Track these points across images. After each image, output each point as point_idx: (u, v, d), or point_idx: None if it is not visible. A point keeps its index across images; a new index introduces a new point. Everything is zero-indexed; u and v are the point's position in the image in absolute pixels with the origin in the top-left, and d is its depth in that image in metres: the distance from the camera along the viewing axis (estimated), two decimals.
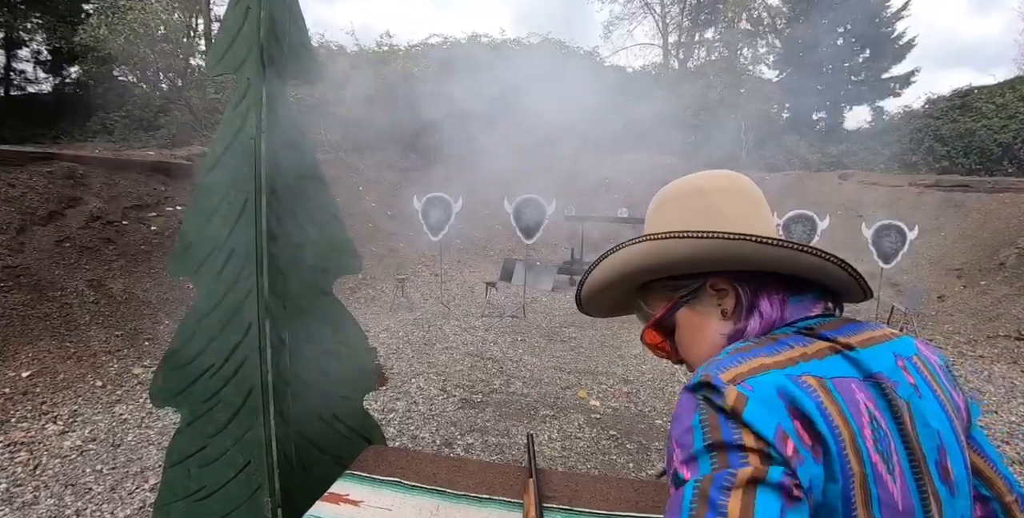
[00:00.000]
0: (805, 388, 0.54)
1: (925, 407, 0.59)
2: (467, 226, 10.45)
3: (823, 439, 0.52)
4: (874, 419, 0.55)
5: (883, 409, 0.56)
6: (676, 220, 0.73)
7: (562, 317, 6.71)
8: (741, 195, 0.74)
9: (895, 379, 0.59)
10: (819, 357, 0.59)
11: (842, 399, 0.55)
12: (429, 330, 5.81)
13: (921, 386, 0.61)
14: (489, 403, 3.91)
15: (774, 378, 0.55)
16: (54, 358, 4.06)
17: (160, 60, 10.80)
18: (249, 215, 1.62)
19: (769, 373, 0.56)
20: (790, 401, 0.53)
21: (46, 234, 5.17)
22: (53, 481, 2.77)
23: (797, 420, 0.52)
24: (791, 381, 0.55)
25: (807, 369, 0.57)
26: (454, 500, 1.25)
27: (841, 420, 0.53)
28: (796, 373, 0.56)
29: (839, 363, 0.59)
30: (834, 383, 0.56)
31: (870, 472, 0.52)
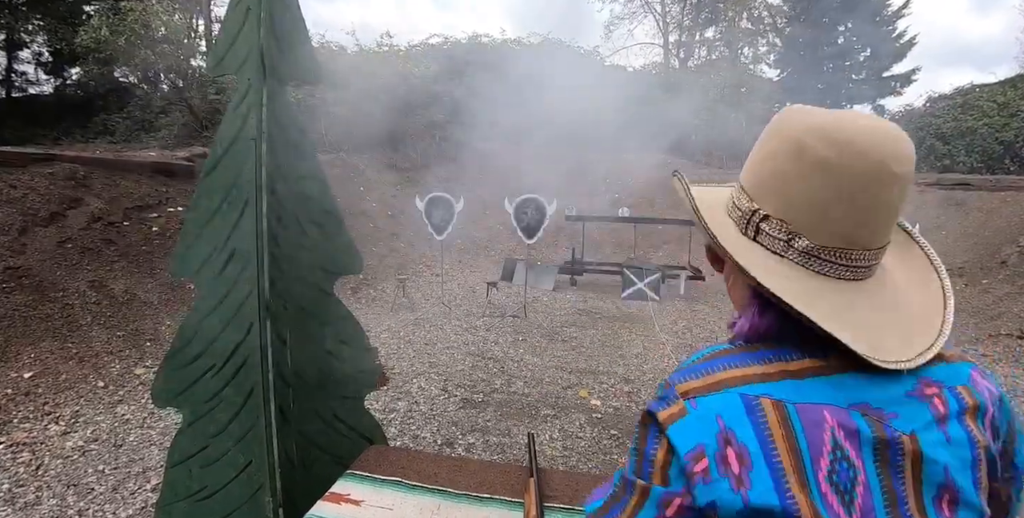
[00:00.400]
0: (754, 412, 0.53)
1: (937, 443, 0.53)
2: (468, 226, 10.45)
3: (755, 468, 0.50)
4: (838, 448, 0.51)
5: (865, 441, 0.51)
6: (757, 159, 0.62)
7: (563, 317, 6.71)
8: (843, 183, 0.54)
9: (892, 410, 0.53)
10: (798, 377, 0.55)
11: (800, 426, 0.51)
12: (430, 330, 5.81)
13: (951, 420, 0.54)
14: (490, 403, 3.91)
15: (724, 399, 0.54)
16: (56, 359, 4.07)
17: (161, 61, 10.81)
18: (250, 216, 1.62)
19: (723, 393, 0.54)
20: (727, 427, 0.52)
21: (48, 235, 5.18)
22: (55, 481, 2.78)
23: (728, 446, 0.52)
24: (743, 402, 0.53)
25: (770, 390, 0.54)
26: (455, 499, 1.25)
27: (786, 448, 0.51)
28: (755, 393, 0.53)
29: (818, 386, 0.54)
30: (798, 408, 0.52)
31: (819, 503, 0.49)
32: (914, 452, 0.52)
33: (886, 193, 0.54)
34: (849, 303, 0.56)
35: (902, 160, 0.54)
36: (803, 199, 0.56)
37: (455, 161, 11.94)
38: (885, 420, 0.53)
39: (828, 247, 0.56)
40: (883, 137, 0.54)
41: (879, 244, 0.58)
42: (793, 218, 0.57)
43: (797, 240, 0.57)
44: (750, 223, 0.61)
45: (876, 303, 0.58)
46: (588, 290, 8.39)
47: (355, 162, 10.61)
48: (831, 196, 0.54)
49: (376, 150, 11.21)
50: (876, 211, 0.55)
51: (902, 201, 0.56)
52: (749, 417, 0.52)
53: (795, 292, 0.55)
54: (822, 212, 0.55)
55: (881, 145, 0.53)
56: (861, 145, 0.53)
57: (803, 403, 0.52)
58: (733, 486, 0.50)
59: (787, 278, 0.56)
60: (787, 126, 0.59)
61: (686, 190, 0.67)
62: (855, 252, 0.57)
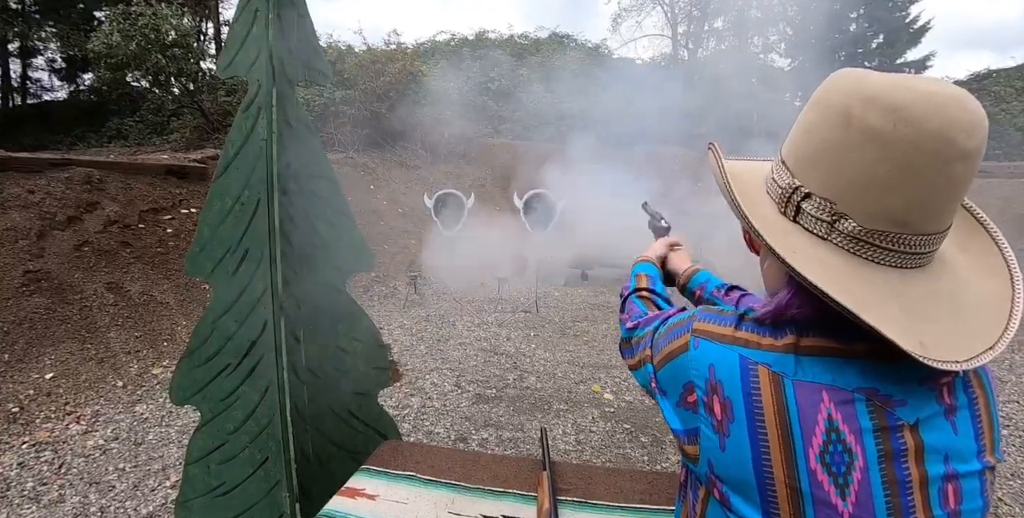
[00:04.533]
0: (747, 375, 0.53)
1: (948, 434, 0.51)
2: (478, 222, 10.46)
3: (736, 422, 0.53)
4: (834, 431, 0.49)
5: (864, 427, 0.49)
6: (800, 131, 0.56)
7: (575, 311, 6.71)
8: (897, 156, 0.47)
9: (900, 398, 0.50)
10: (803, 353, 0.52)
11: (794, 401, 0.50)
12: (442, 326, 5.84)
13: (961, 411, 0.52)
14: (503, 398, 3.93)
15: (723, 352, 0.56)
16: (76, 360, 4.14)
17: (172, 65, 10.91)
18: (262, 216, 1.64)
19: (724, 346, 0.56)
20: (715, 378, 0.56)
21: (65, 239, 5.27)
22: (77, 479, 2.83)
23: (715, 394, 0.55)
24: (740, 363, 0.54)
25: (771, 360, 0.52)
26: (469, 493, 1.26)
27: (775, 420, 0.50)
28: (755, 359, 0.53)
29: (825, 366, 0.51)
30: (795, 384, 0.51)
31: (805, 482, 0.49)
32: (915, 441, 0.50)
33: (948, 169, 0.47)
34: (896, 294, 0.50)
35: (970, 131, 0.46)
36: (851, 175, 0.49)
37: (465, 158, 11.95)
38: (891, 406, 0.50)
39: (878, 230, 0.50)
40: (946, 104, 0.46)
41: (938, 229, 0.51)
42: (839, 196, 0.51)
43: (842, 222, 0.51)
44: (790, 202, 0.55)
45: (930, 294, 0.52)
46: (599, 285, 8.37)
47: (365, 161, 10.65)
48: (883, 172, 0.47)
49: (385, 148, 11.24)
50: (935, 190, 0.48)
51: (968, 179, 0.48)
52: (741, 378, 0.53)
53: (833, 280, 0.49)
54: (872, 190, 0.49)
55: (943, 113, 0.46)
56: (920, 113, 0.46)
57: (803, 381, 0.51)
58: (715, 426, 0.55)
59: (824, 265, 0.51)
60: (835, 92, 0.52)
61: (719, 163, 0.62)
62: (909, 237, 0.50)
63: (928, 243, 0.51)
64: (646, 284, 1.01)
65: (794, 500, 0.49)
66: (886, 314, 0.48)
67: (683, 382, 0.60)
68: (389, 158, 11.21)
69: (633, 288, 1.01)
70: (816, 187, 0.52)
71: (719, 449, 0.54)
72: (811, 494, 0.49)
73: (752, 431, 0.52)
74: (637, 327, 0.80)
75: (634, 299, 0.97)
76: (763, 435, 0.51)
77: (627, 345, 0.83)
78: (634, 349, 0.78)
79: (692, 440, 0.58)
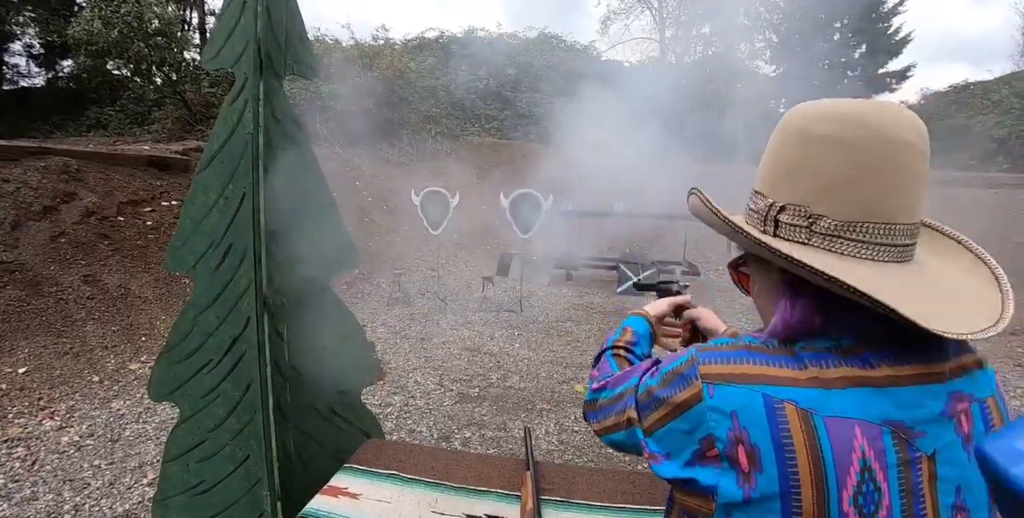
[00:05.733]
0: (775, 416, 0.50)
1: (961, 462, 0.51)
2: (463, 221, 10.44)
3: (765, 471, 0.49)
4: (868, 470, 0.48)
5: (890, 462, 0.49)
6: (766, 159, 0.61)
7: (559, 311, 6.73)
8: (850, 153, 0.52)
9: (918, 423, 0.50)
10: (829, 387, 0.50)
11: (827, 440, 0.49)
12: (426, 325, 5.82)
13: (975, 432, 0.53)
14: (486, 397, 3.93)
15: (745, 395, 0.52)
16: (51, 354, 4.05)
17: (155, 54, 10.71)
18: (247, 211, 1.62)
19: (745, 387, 0.52)
20: (741, 426, 0.51)
21: (41, 229, 5.15)
22: (51, 476, 2.78)
23: (740, 445, 0.51)
24: (765, 403, 0.50)
25: (799, 397, 0.50)
26: (452, 493, 1.26)
27: (807, 459, 0.48)
28: (780, 397, 0.50)
29: (853, 398, 0.50)
30: (827, 421, 0.49)
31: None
32: (930, 472, 0.50)
33: (899, 160, 0.51)
34: (893, 283, 0.51)
35: (911, 128, 0.52)
36: (815, 179, 0.53)
37: (451, 156, 11.91)
38: (913, 439, 0.50)
39: (852, 222, 0.52)
40: (885, 108, 0.53)
41: (907, 219, 0.53)
42: (810, 200, 0.54)
43: (819, 222, 0.53)
44: (767, 219, 0.57)
45: (921, 283, 0.53)
46: (583, 285, 8.41)
47: (350, 156, 10.56)
48: (842, 170, 0.52)
49: (371, 144, 11.16)
50: (892, 180, 0.52)
51: (921, 170, 0.52)
52: (768, 421, 0.50)
53: (833, 268, 0.50)
54: (837, 188, 0.52)
55: (885, 115, 0.52)
56: (864, 116, 0.52)
57: (834, 417, 0.49)
58: (739, 481, 0.51)
59: (815, 263, 0.51)
60: (790, 119, 0.58)
61: (704, 199, 0.65)
62: (882, 226, 0.52)
63: (902, 233, 0.54)
64: (628, 339, 0.93)
65: None
66: (895, 296, 0.47)
67: (700, 437, 0.54)
68: (375, 154, 11.14)
69: (611, 343, 0.93)
70: (788, 198, 0.56)
71: (743, 502, 0.51)
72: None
73: (783, 479, 0.49)
74: (604, 388, 0.75)
75: (608, 356, 0.90)
76: (795, 482, 0.49)
77: (591, 407, 0.78)
78: (600, 413, 0.74)
79: (704, 496, 0.54)
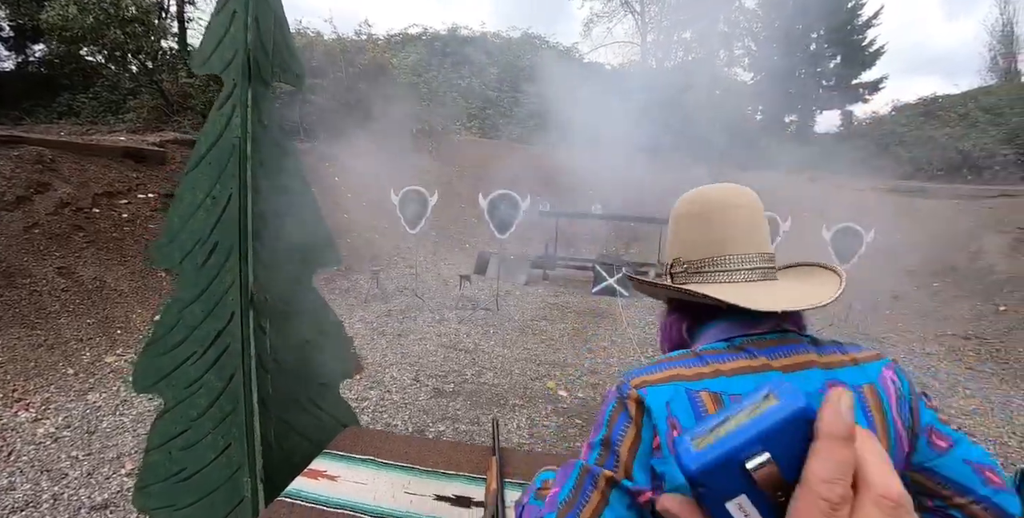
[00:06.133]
0: (695, 401, 0.66)
1: None
2: (442, 219, 10.51)
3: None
4: None
5: None
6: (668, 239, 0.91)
7: (534, 310, 6.86)
8: (697, 218, 0.83)
9: None
10: (729, 374, 0.69)
11: None
12: (403, 321, 5.90)
13: (856, 413, 0.64)
14: (460, 392, 4.04)
15: (672, 390, 0.68)
16: (24, 346, 4.04)
17: (132, 42, 10.53)
18: (233, 210, 1.70)
19: (671, 385, 0.69)
20: (672, 413, 0.66)
21: (14, 220, 5.10)
22: (28, 467, 2.80)
23: (675, 429, 0.65)
24: (687, 395, 0.67)
25: (708, 385, 0.68)
26: (424, 475, 1.37)
27: None
28: (696, 388, 0.68)
29: (745, 382, 0.68)
30: (730, 398, 0.66)
31: None
32: None
33: (733, 214, 0.81)
34: (736, 289, 0.77)
35: (738, 195, 0.83)
36: (682, 238, 0.85)
37: (431, 154, 11.96)
38: None
39: (707, 258, 0.81)
40: (724, 189, 0.84)
41: (747, 250, 0.80)
42: (682, 253, 0.85)
43: (687, 264, 0.83)
44: (667, 273, 0.87)
45: (767, 289, 0.79)
46: (559, 285, 8.56)
47: (330, 152, 10.55)
48: (695, 228, 0.84)
49: (351, 140, 11.16)
50: (736, 229, 0.81)
51: (751, 216, 0.82)
52: (692, 406, 0.66)
53: (689, 287, 0.80)
54: (694, 240, 0.83)
55: (723, 193, 0.83)
56: (708, 195, 0.84)
57: (735, 394, 0.67)
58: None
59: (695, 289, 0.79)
60: (675, 207, 0.89)
61: (637, 278, 0.93)
62: (728, 257, 0.80)
63: (745, 261, 0.80)
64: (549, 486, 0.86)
65: None
66: (729, 295, 0.73)
67: (649, 433, 0.66)
68: (354, 150, 11.13)
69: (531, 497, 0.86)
70: (675, 255, 0.87)
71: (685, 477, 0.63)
72: None
73: None
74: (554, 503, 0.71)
75: (531, 502, 0.84)
76: None
77: None
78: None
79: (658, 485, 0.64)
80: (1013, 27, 20.40)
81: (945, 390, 4.99)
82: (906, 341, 6.58)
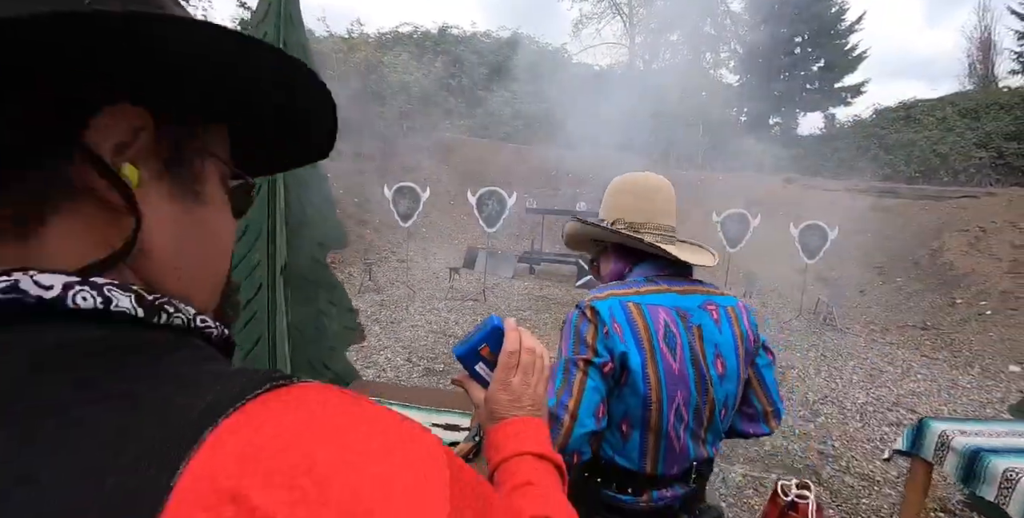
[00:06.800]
0: (625, 309, 1.03)
1: (714, 330, 1.06)
2: (432, 215, 10.82)
3: (625, 334, 1.00)
4: (668, 326, 1.02)
5: (679, 325, 1.03)
6: (604, 203, 1.22)
7: (520, 302, 7.21)
8: (630, 195, 1.16)
9: (691, 312, 1.06)
10: (646, 293, 1.06)
11: (648, 315, 1.03)
12: (395, 311, 6.22)
13: (722, 322, 1.08)
14: (450, 372, 4.37)
15: (611, 302, 1.03)
16: None
17: None
18: (262, 198, 2.03)
19: (611, 299, 1.04)
20: (611, 315, 1.01)
21: None
22: None
23: (615, 323, 1.01)
24: (620, 304, 1.03)
25: (634, 298, 1.04)
26: (420, 411, 1.71)
27: (642, 325, 1.01)
28: (625, 300, 1.04)
29: (658, 298, 1.05)
30: (648, 307, 1.03)
31: (657, 351, 1.00)
32: (699, 333, 1.05)
33: (653, 194, 1.15)
34: (665, 245, 1.10)
35: (664, 183, 1.18)
36: (626, 205, 1.16)
37: (421, 152, 12.25)
38: (687, 316, 1.05)
39: (641, 222, 1.13)
40: (656, 176, 1.18)
41: (665, 222, 1.14)
42: (626, 216, 1.15)
43: (629, 224, 1.13)
44: (610, 227, 1.15)
45: (678, 248, 1.13)
46: (544, 278, 8.92)
47: None
48: (630, 201, 1.16)
49: (343, 138, 11.43)
50: (653, 203, 1.14)
51: (665, 200, 1.16)
52: (623, 311, 1.02)
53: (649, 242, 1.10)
54: (631, 208, 1.15)
55: (656, 179, 1.18)
56: (648, 179, 1.17)
57: (651, 305, 1.04)
58: (620, 340, 1.00)
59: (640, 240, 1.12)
60: (611, 184, 1.21)
61: (585, 221, 1.20)
62: (653, 224, 1.13)
63: (665, 228, 1.14)
64: None
65: (653, 359, 1.00)
66: (667, 250, 1.08)
67: (602, 327, 1.01)
68: (346, 148, 11.41)
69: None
70: (616, 216, 1.16)
71: (623, 350, 1.00)
72: (661, 356, 1.00)
73: (634, 336, 1.00)
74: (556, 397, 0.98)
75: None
76: (638, 336, 1.00)
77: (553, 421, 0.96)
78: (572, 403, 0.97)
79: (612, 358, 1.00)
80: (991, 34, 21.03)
81: (899, 374, 5.40)
82: (868, 331, 7.01)
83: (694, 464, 1.08)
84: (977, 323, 6.73)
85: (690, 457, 1.06)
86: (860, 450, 3.60)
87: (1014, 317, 6.65)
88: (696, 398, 1.03)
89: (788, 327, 7.07)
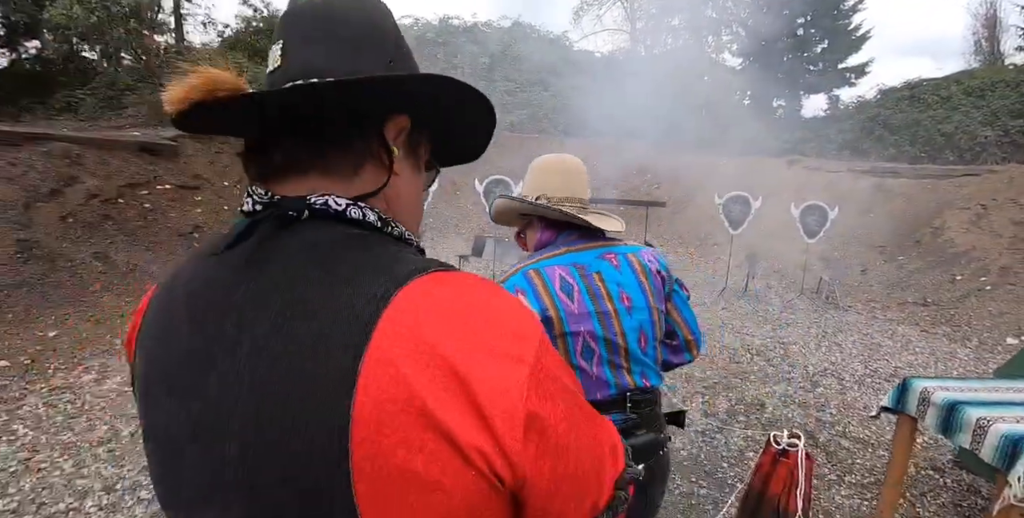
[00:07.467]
0: (526, 275, 1.21)
1: (614, 273, 1.24)
2: (439, 205, 10.98)
3: (528, 295, 1.19)
4: (563, 278, 1.20)
5: (575, 276, 1.21)
6: (526, 181, 1.38)
7: None
8: (550, 173, 1.33)
9: (589, 263, 1.24)
10: (545, 259, 1.24)
11: (545, 274, 1.21)
12: None
13: (622, 265, 1.25)
14: None
15: (515, 276, 1.23)
16: (75, 320, 4.55)
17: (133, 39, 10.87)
18: None
19: (516, 275, 1.23)
20: (518, 285, 1.20)
21: (50, 210, 5.57)
22: (103, 413, 3.33)
23: (518, 290, 1.20)
24: (522, 274, 1.22)
25: (533, 266, 1.22)
26: None
27: (540, 283, 1.20)
28: (527, 269, 1.22)
29: (555, 260, 1.24)
30: (545, 269, 1.22)
31: (555, 297, 1.18)
32: (600, 278, 1.23)
33: (564, 176, 1.32)
34: (581, 214, 1.26)
35: (579, 163, 1.36)
36: (548, 183, 1.32)
37: None
38: (586, 267, 1.24)
39: (563, 197, 1.29)
40: (572, 157, 1.36)
41: (580, 195, 1.31)
42: (549, 191, 1.30)
43: (553, 200, 1.29)
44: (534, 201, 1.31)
45: (591, 216, 1.29)
46: None
47: None
48: (558, 178, 1.32)
49: None
50: (578, 180, 1.33)
51: (577, 179, 1.32)
52: (524, 279, 1.21)
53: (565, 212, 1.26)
54: (557, 184, 1.31)
55: (573, 160, 1.36)
56: (566, 160, 1.35)
57: (548, 267, 1.22)
58: (524, 301, 1.18)
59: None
60: (532, 163, 1.38)
61: (513, 198, 1.34)
62: (572, 198, 1.30)
63: (580, 202, 1.31)
64: None
65: (554, 305, 1.18)
66: (584, 219, 1.26)
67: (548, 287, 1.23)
68: None
69: None
70: (539, 192, 1.32)
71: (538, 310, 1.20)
72: (560, 303, 1.19)
73: (535, 296, 1.19)
74: None
75: None
76: (536, 292, 1.19)
77: None
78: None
79: None
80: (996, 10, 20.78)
81: (898, 348, 5.57)
82: (869, 309, 7.17)
83: (627, 393, 1.22)
84: (976, 298, 6.86)
85: (610, 385, 1.21)
86: (856, 417, 3.78)
87: (1013, 291, 6.77)
88: (602, 331, 1.19)
89: (791, 306, 7.22)
